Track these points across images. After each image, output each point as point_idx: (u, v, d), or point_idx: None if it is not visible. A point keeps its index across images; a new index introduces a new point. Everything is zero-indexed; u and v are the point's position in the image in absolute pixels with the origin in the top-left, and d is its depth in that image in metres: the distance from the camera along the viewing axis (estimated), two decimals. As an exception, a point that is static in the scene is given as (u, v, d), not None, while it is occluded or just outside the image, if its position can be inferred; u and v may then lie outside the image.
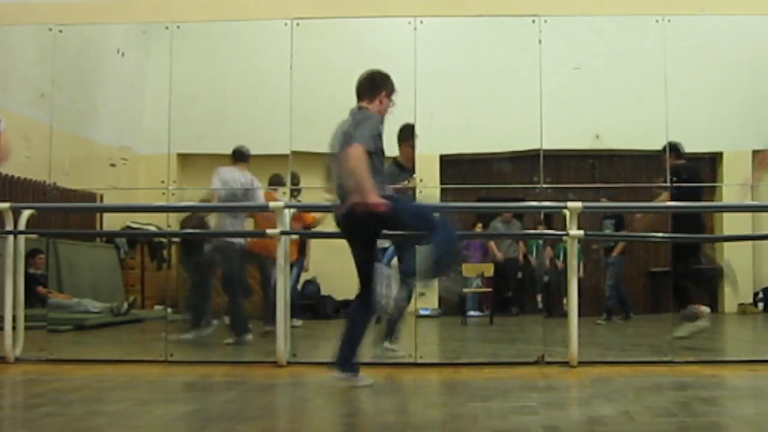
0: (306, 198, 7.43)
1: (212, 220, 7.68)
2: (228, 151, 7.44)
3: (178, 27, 6.98)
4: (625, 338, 8.10)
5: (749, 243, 8.33)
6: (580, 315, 5.72)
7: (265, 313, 7.39)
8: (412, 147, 6.36)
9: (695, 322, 6.44)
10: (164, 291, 9.16)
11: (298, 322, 7.73)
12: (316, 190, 7.82)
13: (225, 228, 7.22)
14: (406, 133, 6.25)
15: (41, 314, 6.81)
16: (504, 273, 10.38)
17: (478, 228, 10.09)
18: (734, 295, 7.40)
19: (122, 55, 8.84)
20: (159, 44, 7.55)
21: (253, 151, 7.46)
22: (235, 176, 7.23)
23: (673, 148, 6.75)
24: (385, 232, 5.08)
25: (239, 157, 7.35)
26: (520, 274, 10.72)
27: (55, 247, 8.55)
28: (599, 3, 8.34)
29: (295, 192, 7.39)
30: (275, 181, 7.74)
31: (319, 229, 7.83)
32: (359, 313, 4.85)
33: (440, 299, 10.34)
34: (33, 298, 7.22)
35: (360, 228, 4.76)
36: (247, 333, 7.13)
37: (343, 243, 4.91)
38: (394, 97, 5.04)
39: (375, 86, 4.98)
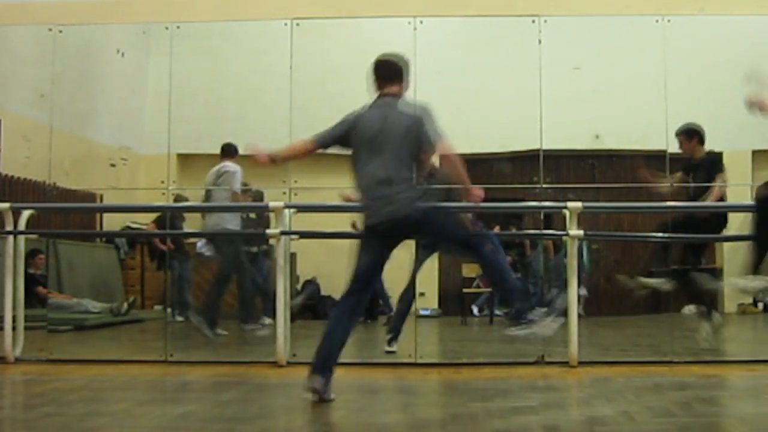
0: (306, 198, 7.43)
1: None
2: (228, 151, 7.43)
3: (178, 27, 6.98)
4: (625, 338, 8.09)
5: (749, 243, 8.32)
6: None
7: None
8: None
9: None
10: (164, 291, 9.16)
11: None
12: (315, 191, 7.84)
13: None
14: None
15: (41, 314, 6.82)
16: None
17: (496, 230, 10.01)
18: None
19: (122, 55, 8.85)
20: (159, 44, 7.54)
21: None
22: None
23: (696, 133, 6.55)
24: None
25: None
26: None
27: (55, 248, 8.56)
28: (599, 3, 8.34)
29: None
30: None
31: (318, 229, 7.81)
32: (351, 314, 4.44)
33: (440, 299, 10.34)
34: (33, 298, 7.22)
35: (399, 233, 4.40)
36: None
37: (342, 243, 4.88)
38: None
39: (401, 71, 4.49)
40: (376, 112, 4.43)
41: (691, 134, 6.53)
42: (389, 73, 4.48)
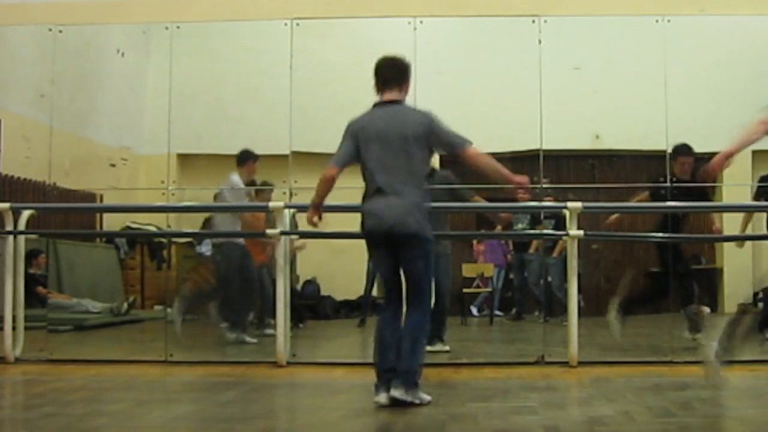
0: (306, 198, 7.42)
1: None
2: (228, 151, 7.41)
3: (178, 27, 6.98)
4: (625, 338, 8.08)
5: (749, 243, 8.31)
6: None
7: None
8: None
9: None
10: (164, 291, 9.16)
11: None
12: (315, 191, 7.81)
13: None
14: None
15: (41, 314, 6.81)
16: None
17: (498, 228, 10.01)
18: None
19: (122, 56, 8.85)
20: (159, 44, 7.55)
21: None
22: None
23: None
24: None
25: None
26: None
27: (55, 248, 8.55)
28: (599, 3, 8.34)
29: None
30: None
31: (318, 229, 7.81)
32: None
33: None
34: (33, 298, 7.22)
35: (396, 244, 4.23)
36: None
37: (342, 243, 4.87)
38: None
39: (404, 73, 4.37)
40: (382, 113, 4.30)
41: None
42: (396, 74, 4.36)
